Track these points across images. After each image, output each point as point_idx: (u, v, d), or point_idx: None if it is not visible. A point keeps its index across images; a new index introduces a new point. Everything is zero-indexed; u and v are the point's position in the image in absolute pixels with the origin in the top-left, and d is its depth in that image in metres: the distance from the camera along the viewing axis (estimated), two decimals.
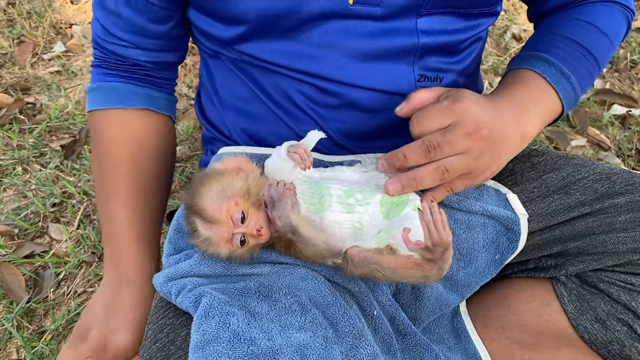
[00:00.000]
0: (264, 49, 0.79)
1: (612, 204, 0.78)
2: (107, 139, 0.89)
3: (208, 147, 0.99)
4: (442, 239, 0.60)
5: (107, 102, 0.90)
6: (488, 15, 0.84)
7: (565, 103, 0.80)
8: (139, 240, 0.87)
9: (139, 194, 0.88)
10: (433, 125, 0.68)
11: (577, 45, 0.83)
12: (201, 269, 0.71)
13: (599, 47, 0.84)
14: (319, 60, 0.78)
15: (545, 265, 0.85)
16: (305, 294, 0.66)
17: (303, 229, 0.67)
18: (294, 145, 0.68)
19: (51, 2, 2.13)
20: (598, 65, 0.84)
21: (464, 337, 0.82)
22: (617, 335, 0.78)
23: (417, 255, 0.64)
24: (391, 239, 0.68)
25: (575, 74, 0.80)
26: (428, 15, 0.77)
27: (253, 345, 0.57)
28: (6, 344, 1.09)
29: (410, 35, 0.78)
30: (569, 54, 0.82)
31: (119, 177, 0.88)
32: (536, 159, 0.85)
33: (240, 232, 0.67)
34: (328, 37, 0.76)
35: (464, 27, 0.81)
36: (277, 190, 0.67)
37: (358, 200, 0.69)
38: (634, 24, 2.31)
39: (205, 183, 0.68)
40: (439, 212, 0.61)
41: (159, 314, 0.71)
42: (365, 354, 0.62)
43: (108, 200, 0.88)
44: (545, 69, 0.80)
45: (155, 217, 0.92)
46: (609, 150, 1.67)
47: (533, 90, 0.78)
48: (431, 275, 0.64)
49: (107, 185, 0.89)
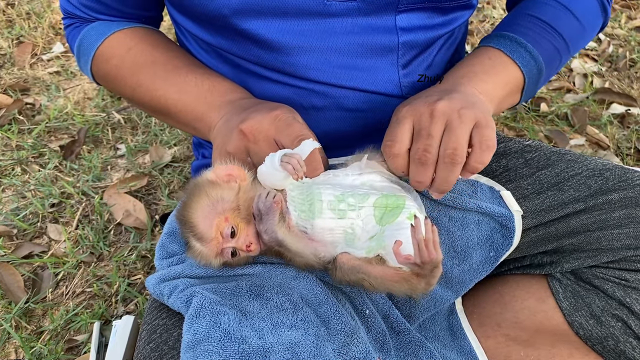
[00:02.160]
0: (250, 51, 0.79)
1: (605, 200, 0.78)
2: (113, 65, 0.87)
3: (199, 152, 0.99)
4: (432, 258, 0.60)
5: (98, 37, 0.88)
6: (464, 8, 0.84)
7: (524, 70, 0.80)
8: (211, 74, 0.83)
9: (172, 58, 0.86)
10: (403, 139, 0.68)
11: (538, 20, 0.83)
12: (194, 270, 0.71)
13: (562, 23, 0.84)
14: (301, 61, 0.78)
15: (540, 262, 0.85)
16: (297, 292, 0.66)
17: (290, 242, 0.67)
18: (287, 154, 0.67)
19: (50, 2, 2.13)
20: (565, 41, 0.84)
21: (460, 335, 0.82)
22: (611, 331, 0.78)
23: (406, 268, 0.64)
24: (381, 249, 0.67)
25: (534, 44, 0.80)
26: (406, 12, 0.77)
27: (244, 344, 0.57)
28: (5, 344, 1.09)
29: (390, 33, 0.78)
30: (528, 27, 0.82)
31: (147, 63, 0.86)
32: (530, 154, 0.85)
33: (230, 247, 0.68)
34: (307, 38, 0.77)
35: (442, 22, 0.82)
36: (264, 204, 0.67)
37: (350, 205, 0.68)
38: (633, 23, 2.31)
39: (196, 196, 0.68)
40: (432, 231, 0.61)
41: (153, 315, 0.71)
42: (357, 351, 0.62)
43: (164, 83, 0.84)
44: (500, 42, 0.81)
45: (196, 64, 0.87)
46: (608, 149, 1.67)
47: (484, 60, 0.79)
48: (418, 289, 0.64)
49: (156, 74, 0.85)
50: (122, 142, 1.59)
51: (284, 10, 0.74)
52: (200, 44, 0.86)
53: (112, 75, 0.88)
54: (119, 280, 1.19)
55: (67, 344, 1.08)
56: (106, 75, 0.90)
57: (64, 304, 1.17)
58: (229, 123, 0.75)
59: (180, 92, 0.82)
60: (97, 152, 1.55)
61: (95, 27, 0.89)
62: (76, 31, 0.91)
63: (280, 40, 0.76)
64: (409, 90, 0.83)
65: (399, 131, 0.68)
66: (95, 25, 0.89)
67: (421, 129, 0.67)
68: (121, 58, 0.87)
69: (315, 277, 0.70)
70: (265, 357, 0.57)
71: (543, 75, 0.83)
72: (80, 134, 1.59)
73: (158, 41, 0.89)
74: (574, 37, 0.86)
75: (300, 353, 0.57)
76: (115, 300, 1.17)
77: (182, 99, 0.82)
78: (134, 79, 0.86)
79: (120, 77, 0.88)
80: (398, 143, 0.68)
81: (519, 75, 0.80)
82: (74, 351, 1.08)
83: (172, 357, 0.64)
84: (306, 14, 0.75)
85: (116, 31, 0.88)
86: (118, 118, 1.67)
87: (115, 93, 0.92)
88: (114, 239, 1.30)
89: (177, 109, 0.83)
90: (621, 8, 2.41)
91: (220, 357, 0.56)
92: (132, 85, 0.86)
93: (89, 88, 1.79)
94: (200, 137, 0.86)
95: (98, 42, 0.87)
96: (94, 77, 0.92)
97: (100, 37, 0.88)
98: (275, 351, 0.57)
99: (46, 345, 1.07)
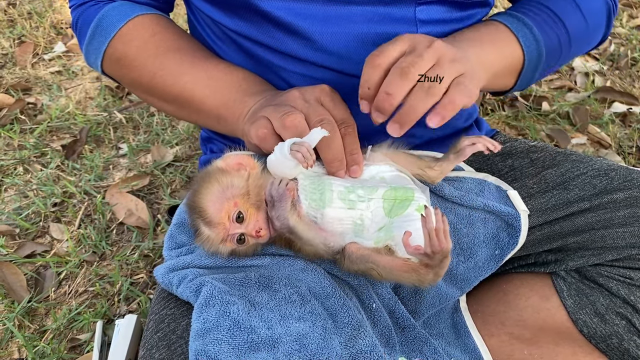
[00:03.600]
0: (269, 33, 0.79)
1: (610, 199, 0.78)
2: (134, 47, 0.85)
3: (207, 147, 0.99)
4: (442, 248, 0.60)
5: (120, 18, 0.85)
6: (481, 6, 0.85)
7: (526, 51, 0.80)
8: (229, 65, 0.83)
9: (200, 49, 0.85)
10: (392, 54, 0.66)
11: (548, 10, 0.84)
12: (202, 261, 0.71)
13: (570, 17, 0.84)
14: (319, 47, 0.78)
15: (545, 261, 0.86)
16: (305, 285, 0.66)
17: (301, 230, 0.67)
18: (297, 143, 0.66)
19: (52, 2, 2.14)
20: (568, 35, 0.84)
21: (464, 333, 0.82)
22: (615, 329, 0.78)
23: (415, 259, 0.64)
24: (390, 240, 0.68)
25: (539, 28, 0.81)
26: (426, 4, 0.78)
27: (253, 334, 0.57)
28: (8, 343, 1.09)
29: (409, 24, 0.78)
30: (537, 14, 0.83)
31: (172, 49, 0.84)
32: (535, 154, 0.86)
33: (238, 232, 0.68)
34: (327, 23, 0.76)
35: (460, 17, 0.82)
36: (277, 190, 0.67)
37: (360, 197, 0.69)
38: (634, 22, 2.31)
39: (206, 182, 0.69)
40: (442, 221, 0.61)
41: (160, 305, 0.72)
42: (364, 344, 0.62)
43: (183, 72, 0.82)
44: (508, 20, 0.82)
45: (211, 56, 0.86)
46: (609, 148, 1.67)
47: (491, 31, 0.80)
48: (426, 280, 0.64)
49: (182, 62, 0.83)
50: (123, 142, 1.59)
51: None
52: (215, 31, 0.85)
53: (131, 57, 0.85)
54: (121, 279, 1.19)
55: (69, 343, 1.08)
56: (123, 58, 0.86)
57: (66, 303, 1.17)
58: (273, 98, 0.74)
59: (211, 78, 0.81)
60: (98, 151, 1.55)
61: (117, 7, 0.86)
62: (92, 10, 0.88)
63: (300, 23, 0.76)
64: None
65: (391, 46, 0.66)
66: (116, 6, 0.87)
67: (414, 50, 0.65)
68: (144, 41, 0.84)
69: (323, 270, 0.71)
70: (274, 348, 0.57)
71: (541, 64, 0.83)
72: (82, 133, 1.59)
73: (182, 32, 0.88)
74: (577, 34, 0.86)
75: (307, 345, 0.58)
76: (118, 299, 1.17)
77: (211, 85, 0.80)
78: (157, 63, 0.83)
79: (140, 60, 0.85)
80: (385, 55, 0.65)
81: (520, 54, 0.80)
82: (77, 350, 1.08)
83: (180, 345, 0.64)
84: (326, 1, 0.75)
85: (140, 15, 0.86)
86: (120, 117, 1.67)
87: (126, 80, 0.90)
88: (116, 238, 1.30)
89: (203, 94, 0.81)
90: (623, 7, 2.41)
91: (229, 346, 0.57)
92: (153, 69, 0.84)
93: (90, 87, 1.80)
94: (219, 128, 0.83)
95: (122, 23, 0.84)
96: (104, 62, 0.88)
97: (124, 18, 0.85)
98: (284, 342, 0.57)
99: (49, 344, 1.07)
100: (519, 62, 0.81)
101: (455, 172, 0.83)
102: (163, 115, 1.69)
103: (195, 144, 1.59)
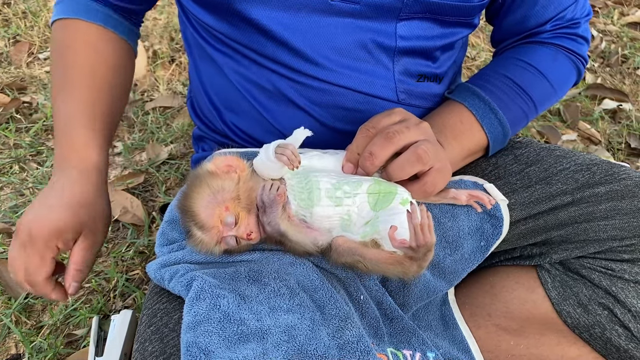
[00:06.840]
0: (254, 40, 0.81)
1: (592, 193, 0.79)
2: (65, 46, 0.91)
3: (199, 145, 1.00)
4: (427, 242, 0.63)
5: (68, 12, 0.92)
6: (465, 26, 0.86)
7: (490, 137, 0.85)
8: (84, 126, 0.86)
9: (92, 90, 0.89)
10: (384, 124, 0.72)
11: (514, 84, 0.87)
12: (194, 256, 0.72)
13: (536, 88, 0.88)
14: (301, 55, 0.80)
15: (530, 254, 0.87)
16: (293, 278, 0.68)
17: (291, 233, 0.70)
18: (281, 145, 0.69)
19: (46, 1, 2.14)
20: (534, 105, 0.89)
21: (452, 325, 0.84)
22: (598, 319, 0.80)
23: (400, 252, 0.66)
24: (376, 234, 0.69)
25: (505, 110, 0.85)
26: (407, 20, 0.80)
27: (243, 326, 0.59)
28: (5, 339, 1.10)
29: (389, 38, 0.80)
30: (503, 91, 0.86)
31: (74, 72, 0.89)
32: (519, 151, 0.87)
33: (231, 235, 0.70)
34: (309, 33, 0.78)
35: (440, 34, 0.84)
36: (269, 197, 0.69)
37: (346, 193, 0.70)
38: (625, 19, 2.33)
39: (196, 187, 0.70)
40: (427, 217, 0.63)
41: (153, 300, 0.73)
42: (351, 335, 0.64)
43: (59, 92, 0.88)
44: (474, 103, 0.84)
45: (105, 114, 0.90)
46: (599, 145, 1.69)
47: (456, 123, 0.83)
48: (410, 272, 0.66)
49: (60, 80, 0.89)
50: (118, 140, 1.61)
51: (288, 4, 0.77)
52: (203, 32, 0.87)
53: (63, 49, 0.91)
54: (117, 275, 1.21)
55: (66, 338, 1.10)
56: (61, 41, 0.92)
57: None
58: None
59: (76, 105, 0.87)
60: None
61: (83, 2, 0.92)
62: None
63: (285, 33, 0.78)
64: (404, 96, 0.85)
65: (384, 118, 0.74)
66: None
67: (404, 122, 0.73)
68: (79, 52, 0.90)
69: (312, 264, 0.72)
70: (263, 339, 0.59)
71: (508, 137, 0.87)
72: None
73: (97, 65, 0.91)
74: (544, 100, 0.90)
75: (296, 336, 0.59)
76: (114, 295, 1.18)
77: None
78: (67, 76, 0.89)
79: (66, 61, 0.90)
80: (377, 126, 0.73)
81: (484, 140, 0.85)
82: (73, 345, 1.09)
83: (172, 339, 0.65)
84: (309, 10, 0.77)
85: (99, 24, 0.91)
86: None
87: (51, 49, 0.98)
88: (111, 236, 1.32)
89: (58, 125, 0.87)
90: (614, 4, 2.43)
91: (220, 338, 0.58)
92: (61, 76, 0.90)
93: None
94: (57, 155, 0.87)
95: (75, 15, 0.91)
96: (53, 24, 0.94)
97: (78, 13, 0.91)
98: (273, 333, 0.59)
99: (46, 340, 1.09)
100: (483, 146, 0.86)
101: None
102: (158, 114, 1.70)
103: (190, 142, 1.60)
